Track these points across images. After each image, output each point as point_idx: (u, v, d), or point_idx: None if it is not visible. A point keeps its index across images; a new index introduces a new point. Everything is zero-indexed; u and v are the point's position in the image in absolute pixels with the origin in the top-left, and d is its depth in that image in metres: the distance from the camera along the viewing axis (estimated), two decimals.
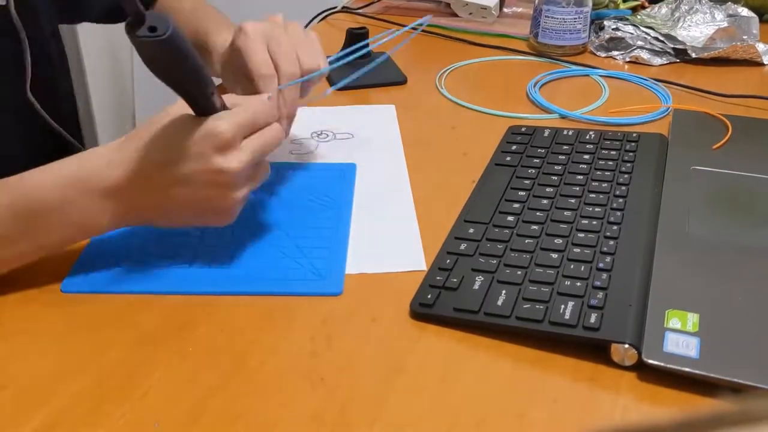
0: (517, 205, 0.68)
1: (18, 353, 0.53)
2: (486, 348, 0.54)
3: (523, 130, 0.83)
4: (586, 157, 0.77)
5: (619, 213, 0.66)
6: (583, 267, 0.59)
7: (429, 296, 0.57)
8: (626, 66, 1.06)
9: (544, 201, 0.69)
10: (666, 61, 1.06)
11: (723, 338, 0.52)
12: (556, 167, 0.75)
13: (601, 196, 0.69)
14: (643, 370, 0.51)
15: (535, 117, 0.90)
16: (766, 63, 1.05)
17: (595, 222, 0.65)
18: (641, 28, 1.09)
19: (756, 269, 0.59)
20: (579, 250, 0.61)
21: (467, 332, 0.55)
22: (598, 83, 0.99)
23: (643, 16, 1.15)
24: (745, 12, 1.12)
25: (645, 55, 1.06)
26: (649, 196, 0.69)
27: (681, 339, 0.51)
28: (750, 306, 0.55)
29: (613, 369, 0.52)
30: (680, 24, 1.11)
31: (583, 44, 1.09)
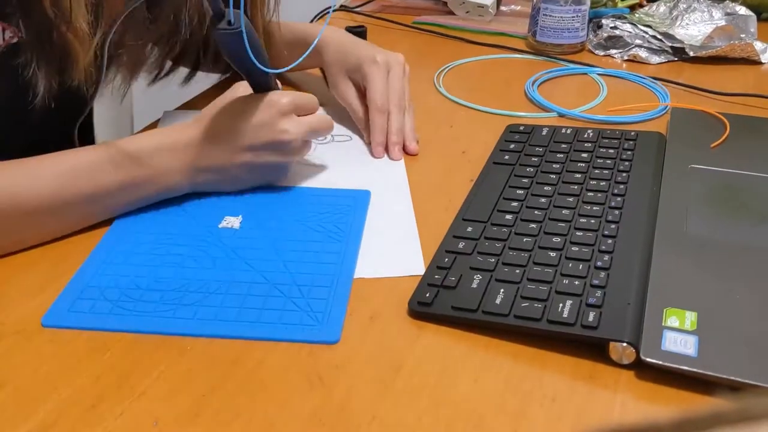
0: (515, 203, 0.68)
1: (16, 352, 0.53)
2: (484, 346, 0.54)
3: (522, 128, 0.83)
4: (585, 155, 0.77)
5: (617, 211, 0.66)
6: (581, 266, 0.59)
7: (427, 295, 0.57)
8: (624, 64, 1.06)
9: (543, 200, 0.69)
10: (664, 60, 1.06)
11: (721, 336, 0.52)
12: (554, 166, 0.75)
13: (600, 194, 0.69)
14: (642, 369, 0.51)
15: (534, 116, 0.90)
16: (763, 61, 1.05)
17: (593, 220, 0.65)
18: (639, 27, 1.09)
19: (754, 267, 0.59)
20: (577, 249, 0.61)
21: (465, 331, 0.55)
22: (596, 82, 0.99)
23: (641, 15, 1.15)
24: (743, 10, 1.12)
25: (643, 54, 1.06)
26: (648, 194, 0.69)
27: (679, 337, 0.51)
28: (748, 304, 0.55)
29: (612, 367, 0.52)
30: (678, 22, 1.11)
31: (581, 43, 1.09)
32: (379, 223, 0.68)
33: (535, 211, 0.67)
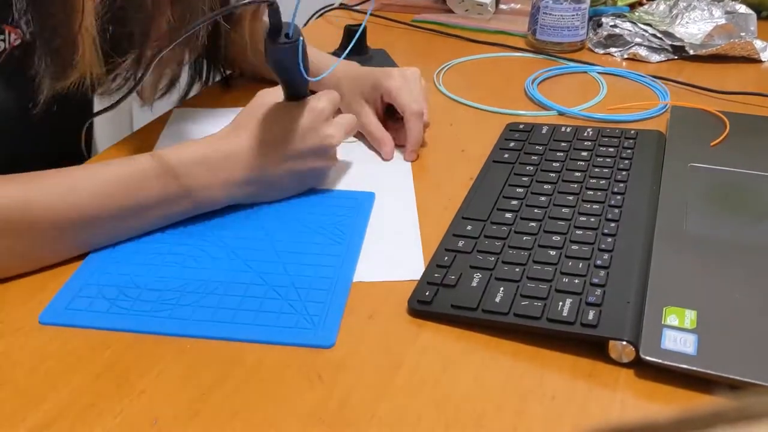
0: (515, 202, 0.68)
1: (16, 350, 0.53)
2: (484, 345, 0.54)
3: (521, 127, 0.83)
4: (584, 154, 0.77)
5: (616, 210, 0.66)
6: (581, 264, 0.59)
7: (427, 293, 0.57)
8: (624, 63, 1.06)
9: (542, 198, 0.69)
10: (664, 58, 1.06)
11: (721, 335, 0.52)
12: (554, 164, 0.75)
13: (599, 193, 0.69)
14: (641, 367, 0.51)
15: (533, 114, 0.90)
16: (763, 60, 1.05)
17: (593, 219, 0.65)
18: (639, 25, 1.09)
19: (754, 266, 0.59)
20: (577, 248, 0.61)
21: (465, 329, 0.55)
22: (596, 80, 0.99)
23: (641, 13, 1.15)
24: (743, 9, 1.12)
25: (643, 52, 1.06)
26: (647, 193, 0.69)
27: (679, 336, 0.51)
28: (748, 303, 0.55)
29: (611, 366, 0.52)
30: (678, 21, 1.11)
31: (581, 41, 1.09)
32: (382, 225, 0.68)
33: (535, 210, 0.67)
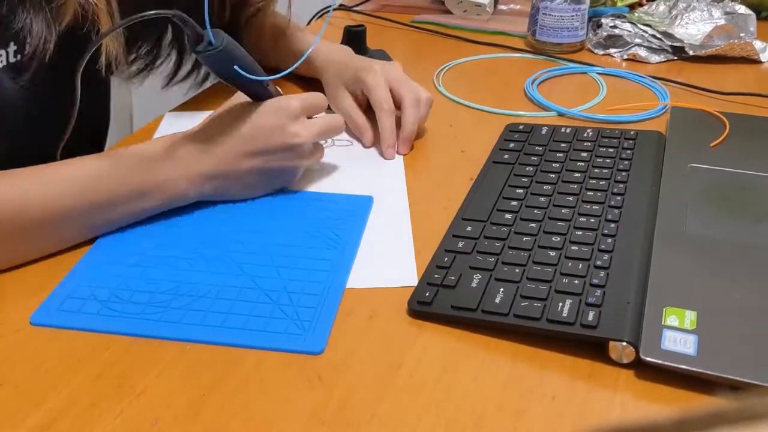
0: (515, 203, 0.68)
1: (16, 351, 0.53)
2: (484, 346, 0.54)
3: (521, 127, 0.83)
4: (584, 154, 0.77)
5: (616, 211, 0.66)
6: (580, 265, 0.59)
7: (427, 294, 0.57)
8: (624, 63, 1.06)
9: (542, 199, 0.69)
10: (663, 59, 1.06)
11: (721, 335, 0.52)
12: (553, 165, 0.75)
13: (599, 193, 0.69)
14: (641, 368, 0.51)
15: (533, 115, 0.90)
16: (763, 60, 1.05)
17: (592, 220, 0.65)
18: (639, 26, 1.09)
19: (754, 266, 0.59)
20: (577, 248, 0.61)
21: (465, 330, 0.55)
22: (595, 81, 0.99)
23: (641, 14, 1.15)
24: (743, 9, 1.12)
25: (642, 53, 1.06)
26: (647, 193, 0.69)
27: (679, 336, 0.51)
28: (748, 303, 0.55)
29: (611, 366, 0.52)
30: (678, 21, 1.11)
31: (580, 42, 1.09)
32: (375, 230, 0.67)
33: (535, 211, 0.67)
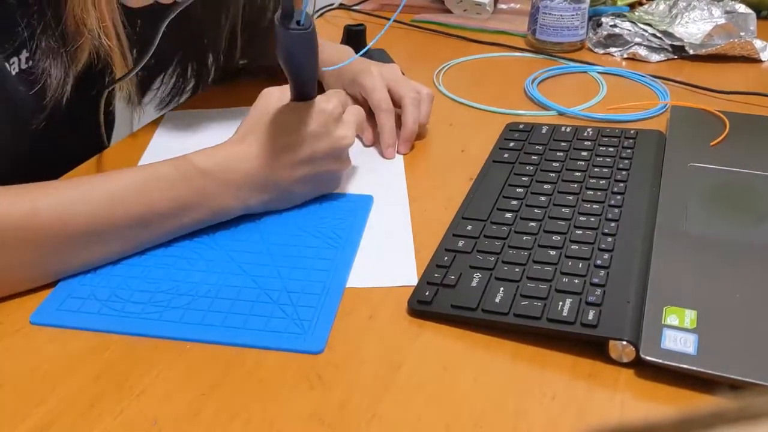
0: (515, 202, 0.68)
1: (15, 351, 0.53)
2: (484, 345, 0.54)
3: (521, 127, 0.83)
4: (584, 154, 0.77)
5: (616, 210, 0.66)
6: (581, 264, 0.59)
7: (427, 293, 0.57)
8: (624, 63, 1.06)
9: (542, 198, 0.69)
10: (664, 58, 1.06)
11: (721, 335, 0.52)
12: (554, 164, 0.75)
13: (599, 193, 0.69)
14: (641, 367, 0.51)
15: (533, 114, 0.90)
16: (763, 59, 1.05)
17: (593, 219, 0.65)
18: (639, 25, 1.09)
19: (754, 266, 0.59)
20: (577, 247, 0.61)
21: (465, 329, 0.55)
22: (595, 80, 0.99)
23: (641, 13, 1.15)
24: (743, 9, 1.12)
25: (643, 52, 1.06)
26: (647, 193, 0.69)
27: (679, 336, 0.51)
28: (748, 302, 0.55)
29: (611, 366, 0.52)
30: (678, 20, 1.11)
31: (580, 41, 1.09)
32: (375, 230, 0.67)
33: (535, 210, 0.67)
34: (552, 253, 0.61)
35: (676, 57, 1.06)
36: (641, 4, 1.20)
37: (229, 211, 0.65)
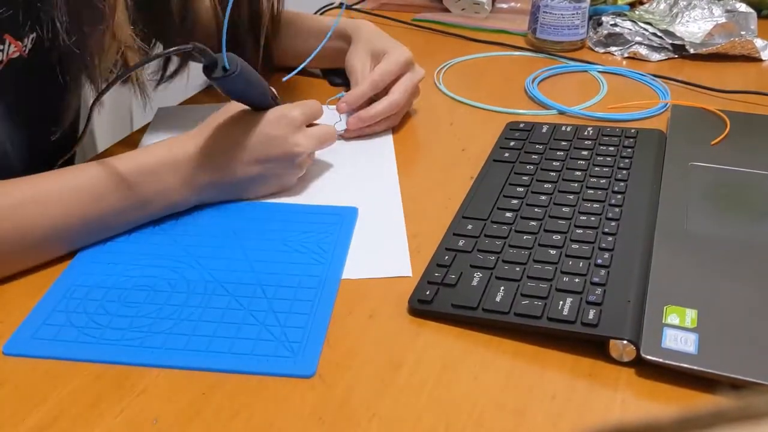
0: (515, 201, 0.68)
1: None
2: (484, 344, 0.54)
3: (522, 126, 0.83)
4: (585, 153, 0.77)
5: (617, 209, 0.66)
6: (581, 263, 0.59)
7: (427, 293, 0.57)
8: (624, 62, 1.06)
9: (543, 197, 0.69)
10: (664, 57, 1.06)
11: (722, 334, 0.52)
12: (554, 163, 0.75)
13: (600, 192, 0.69)
14: (642, 366, 0.51)
15: (534, 113, 0.90)
16: (764, 59, 1.05)
17: (593, 218, 0.65)
18: (639, 24, 1.09)
19: (754, 265, 0.59)
20: (577, 247, 0.61)
21: (466, 328, 0.55)
22: (596, 79, 0.99)
23: (642, 12, 1.14)
24: (743, 8, 1.12)
25: (643, 51, 1.06)
26: (648, 192, 0.69)
27: (679, 335, 0.51)
28: (749, 301, 0.55)
29: (612, 365, 0.52)
30: (678, 20, 1.11)
31: (581, 40, 1.09)
32: (366, 239, 0.65)
33: (536, 209, 0.67)
34: (552, 252, 0.61)
35: (676, 56, 1.06)
36: (642, 3, 1.20)
37: (185, 203, 0.67)
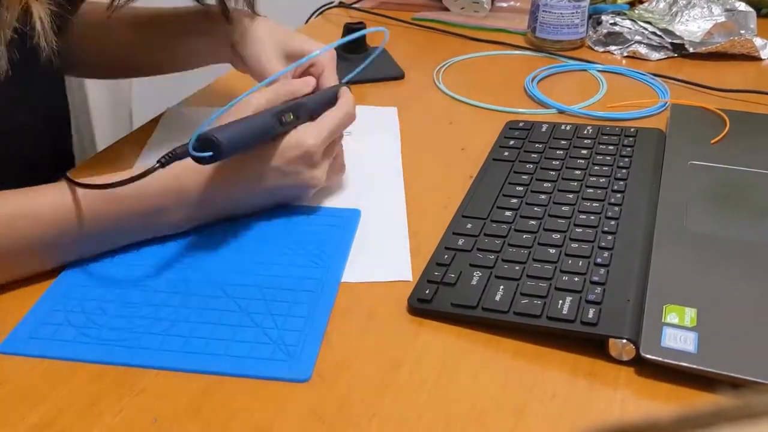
0: (515, 200, 0.68)
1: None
2: (484, 343, 0.54)
3: (521, 125, 0.83)
4: (584, 152, 0.77)
5: (616, 208, 0.66)
6: (581, 262, 0.59)
7: (427, 292, 0.57)
8: (624, 61, 1.06)
9: (542, 196, 0.69)
10: (664, 56, 1.06)
11: (721, 333, 0.52)
12: (553, 162, 0.75)
13: (599, 191, 0.69)
14: (641, 365, 0.51)
15: (533, 112, 0.90)
16: (763, 57, 1.05)
17: (592, 217, 0.65)
18: (639, 23, 1.09)
19: (754, 264, 0.59)
20: (577, 246, 0.61)
21: (465, 328, 0.55)
22: (595, 78, 0.99)
23: (641, 11, 1.14)
24: (743, 6, 1.12)
25: (643, 50, 1.06)
26: (647, 191, 0.69)
27: (679, 334, 0.51)
28: (748, 300, 0.55)
29: (611, 364, 0.52)
30: (678, 18, 1.11)
31: (580, 39, 1.09)
32: (368, 242, 0.65)
33: (535, 208, 0.67)
34: (552, 251, 0.61)
35: (676, 55, 1.06)
36: (641, 2, 1.20)
37: (179, 227, 0.63)
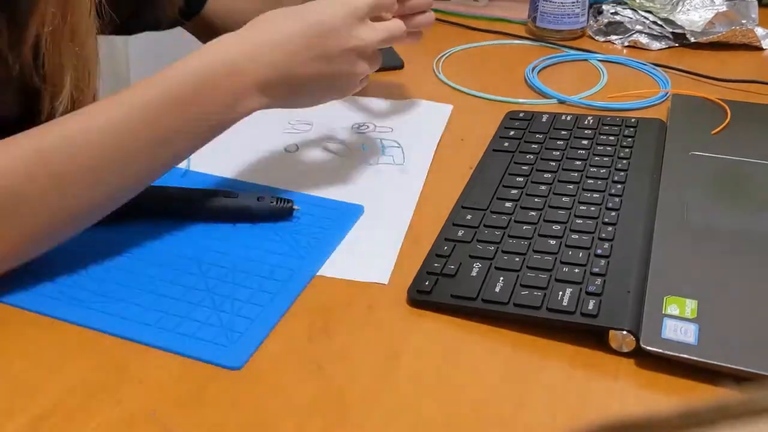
0: (515, 191, 0.68)
1: (12, 340, 0.53)
2: (484, 335, 0.54)
3: (521, 115, 0.83)
4: (585, 142, 0.76)
5: (617, 199, 0.66)
6: (581, 253, 0.59)
7: (426, 283, 0.57)
8: (625, 50, 1.05)
9: (542, 187, 0.68)
10: (665, 46, 1.05)
11: (722, 324, 0.51)
12: (554, 153, 0.74)
13: (600, 181, 0.69)
14: (642, 357, 0.51)
15: (534, 102, 0.89)
16: (765, 47, 1.04)
17: (593, 208, 0.65)
18: (640, 13, 1.09)
19: (755, 255, 0.59)
20: (577, 237, 0.61)
21: (465, 319, 0.55)
22: (596, 68, 0.99)
23: (642, 1, 1.14)
24: None
25: (644, 40, 1.06)
26: (648, 181, 0.69)
27: (679, 325, 0.51)
28: (749, 292, 0.55)
29: (612, 355, 0.52)
30: (679, 8, 1.11)
31: (581, 29, 1.09)
32: (360, 239, 0.64)
33: (535, 199, 0.67)
34: (552, 242, 0.60)
35: (677, 45, 1.06)
36: None
37: (247, 111, 0.62)
